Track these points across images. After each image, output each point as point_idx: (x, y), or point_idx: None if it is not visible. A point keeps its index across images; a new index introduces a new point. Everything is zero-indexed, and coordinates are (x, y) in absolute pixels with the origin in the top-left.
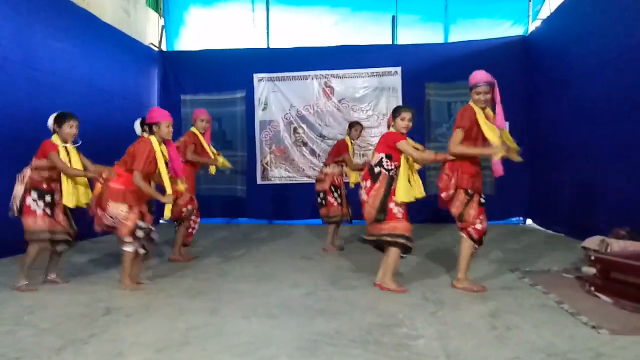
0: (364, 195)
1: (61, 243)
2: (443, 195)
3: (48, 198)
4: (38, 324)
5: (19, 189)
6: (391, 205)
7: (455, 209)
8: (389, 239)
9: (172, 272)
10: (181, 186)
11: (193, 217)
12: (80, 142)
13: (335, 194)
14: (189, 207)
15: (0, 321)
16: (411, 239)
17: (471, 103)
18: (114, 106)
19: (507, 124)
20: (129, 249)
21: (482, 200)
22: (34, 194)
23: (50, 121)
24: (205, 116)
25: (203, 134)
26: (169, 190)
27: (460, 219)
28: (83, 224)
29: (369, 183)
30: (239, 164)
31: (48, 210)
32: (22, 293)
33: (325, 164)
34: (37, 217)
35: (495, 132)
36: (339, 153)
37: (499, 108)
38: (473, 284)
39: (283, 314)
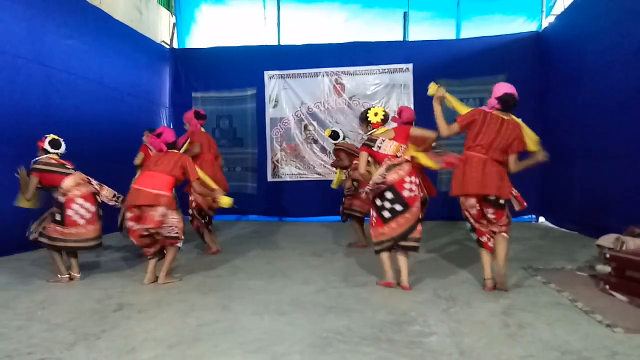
0: (416, 191)
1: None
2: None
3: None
4: (50, 319)
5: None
6: None
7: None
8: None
9: (183, 269)
10: None
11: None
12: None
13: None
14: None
15: (13, 317)
16: None
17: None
18: (126, 104)
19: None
20: (180, 244)
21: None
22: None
23: None
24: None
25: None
26: (215, 186)
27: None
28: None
29: (415, 179)
30: (249, 161)
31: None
32: (36, 289)
33: None
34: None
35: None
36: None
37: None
38: None
39: (294, 311)
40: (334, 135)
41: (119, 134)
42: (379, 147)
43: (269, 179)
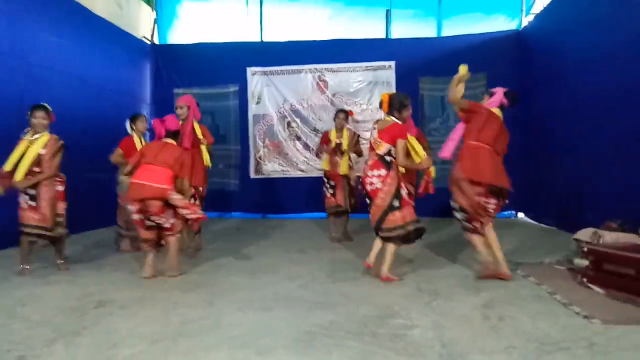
0: (378, 184)
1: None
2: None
3: None
4: (30, 317)
5: None
6: (403, 192)
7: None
8: (402, 231)
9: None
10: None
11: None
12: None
13: (327, 185)
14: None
15: None
16: (418, 221)
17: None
18: (106, 100)
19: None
20: (179, 235)
21: None
22: None
23: None
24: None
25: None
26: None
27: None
28: (76, 214)
29: (383, 171)
30: (232, 158)
31: None
32: (16, 285)
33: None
34: None
35: None
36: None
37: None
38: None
39: (279, 307)
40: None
41: (99, 130)
42: (371, 134)
43: (252, 175)
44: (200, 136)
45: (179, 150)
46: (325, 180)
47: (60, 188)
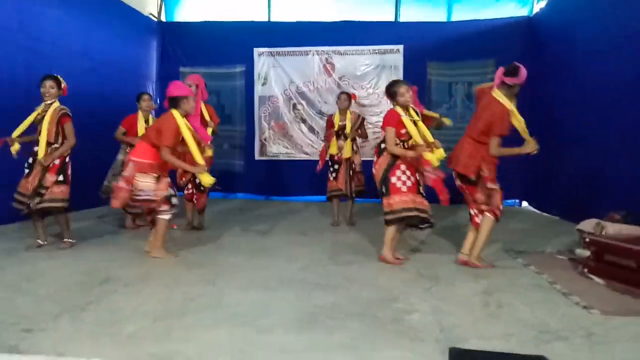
0: (374, 170)
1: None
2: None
3: None
4: (36, 291)
5: None
6: (393, 179)
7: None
8: (392, 216)
9: (169, 244)
10: (209, 152)
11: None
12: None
13: (331, 168)
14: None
15: None
16: (411, 210)
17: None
18: (112, 77)
19: None
20: (166, 216)
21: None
22: None
23: None
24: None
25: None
26: (200, 161)
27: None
28: (83, 192)
29: (376, 158)
30: (237, 139)
31: None
32: (22, 261)
33: None
34: None
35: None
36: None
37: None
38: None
39: (280, 287)
40: None
41: (105, 107)
42: None
43: (257, 157)
44: (207, 118)
45: (164, 117)
46: (330, 163)
47: (56, 162)
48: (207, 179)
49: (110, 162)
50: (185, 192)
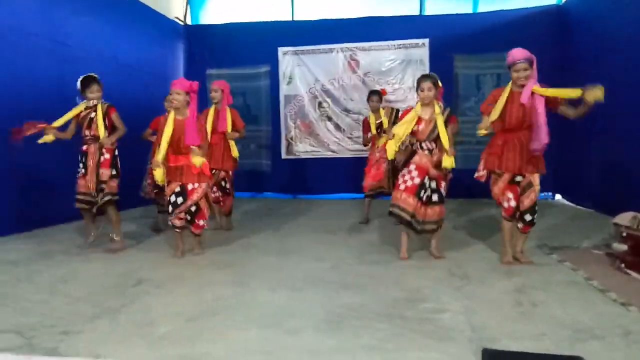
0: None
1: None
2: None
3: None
4: (72, 293)
5: None
6: (399, 176)
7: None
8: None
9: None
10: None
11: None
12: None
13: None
14: None
15: (36, 290)
16: (397, 206)
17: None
18: (140, 81)
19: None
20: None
21: (517, 179)
22: None
23: None
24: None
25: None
26: (158, 157)
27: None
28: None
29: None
30: (263, 139)
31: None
32: (57, 263)
33: None
34: None
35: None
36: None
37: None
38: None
39: (308, 287)
40: None
41: (133, 111)
42: None
43: (284, 156)
44: (228, 121)
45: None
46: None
47: (107, 156)
48: (157, 175)
49: (141, 163)
50: (212, 195)
